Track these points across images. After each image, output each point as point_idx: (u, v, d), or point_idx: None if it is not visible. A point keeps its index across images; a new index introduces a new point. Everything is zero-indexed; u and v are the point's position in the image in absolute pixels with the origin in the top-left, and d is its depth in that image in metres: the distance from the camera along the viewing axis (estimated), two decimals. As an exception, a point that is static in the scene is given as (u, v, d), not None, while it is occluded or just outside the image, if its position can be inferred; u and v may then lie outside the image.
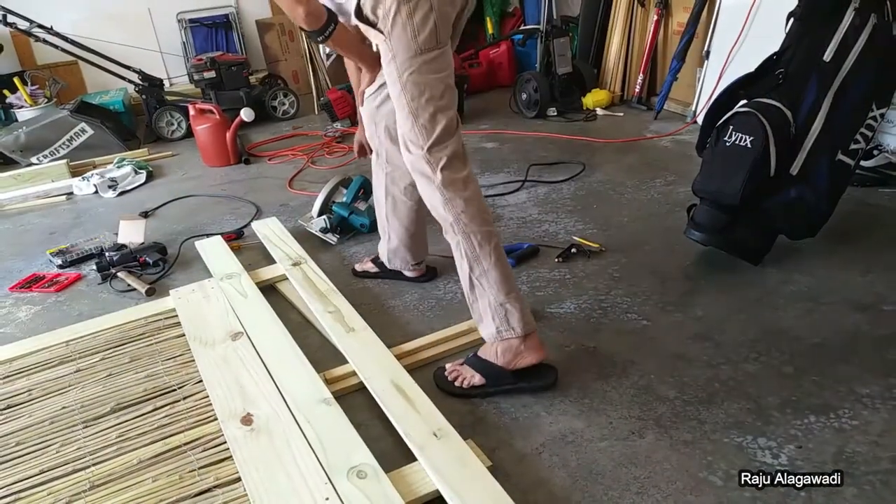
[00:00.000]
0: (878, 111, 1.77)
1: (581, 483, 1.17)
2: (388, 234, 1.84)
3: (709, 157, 1.87)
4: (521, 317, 1.39)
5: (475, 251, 1.38)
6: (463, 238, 1.38)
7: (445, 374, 1.46)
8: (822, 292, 1.69)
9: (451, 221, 1.38)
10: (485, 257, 1.38)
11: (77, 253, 2.30)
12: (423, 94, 1.34)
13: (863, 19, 1.70)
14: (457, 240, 1.39)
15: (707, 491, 1.12)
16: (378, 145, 1.74)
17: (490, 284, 1.38)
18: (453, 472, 1.14)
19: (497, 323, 1.39)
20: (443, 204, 1.38)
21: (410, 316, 1.77)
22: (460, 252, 1.39)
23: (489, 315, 1.40)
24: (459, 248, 1.39)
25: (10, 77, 4.01)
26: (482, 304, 1.41)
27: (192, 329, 1.67)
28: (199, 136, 3.31)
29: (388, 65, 1.35)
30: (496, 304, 1.39)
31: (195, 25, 4.71)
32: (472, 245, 1.38)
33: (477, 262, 1.38)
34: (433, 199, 1.40)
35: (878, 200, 2.21)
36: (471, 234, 1.38)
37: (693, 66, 3.30)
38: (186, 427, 1.34)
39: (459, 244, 1.39)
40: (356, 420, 1.31)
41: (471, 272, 1.39)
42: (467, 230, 1.38)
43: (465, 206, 1.37)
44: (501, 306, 1.38)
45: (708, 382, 1.40)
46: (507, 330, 1.39)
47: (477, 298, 1.41)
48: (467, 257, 1.39)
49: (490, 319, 1.40)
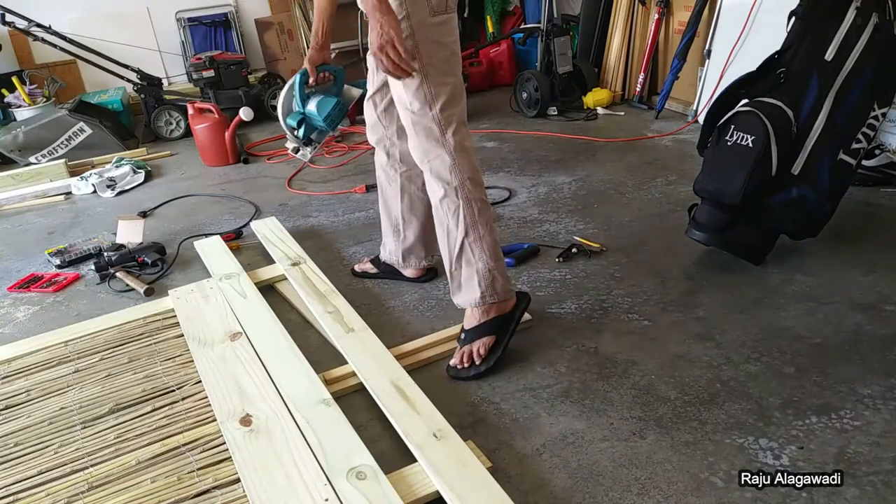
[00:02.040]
0: (880, 111, 1.76)
1: (582, 484, 1.16)
2: (404, 233, 1.83)
3: (710, 157, 1.86)
4: (504, 283, 1.49)
5: (474, 217, 1.43)
6: (464, 203, 1.42)
7: (457, 366, 1.48)
8: (824, 292, 1.69)
9: (455, 185, 1.41)
10: (482, 224, 1.44)
11: (75, 253, 2.30)
12: (436, 55, 1.37)
13: (864, 19, 1.69)
14: (456, 205, 1.42)
15: (708, 492, 1.12)
16: (389, 146, 1.73)
17: (483, 250, 1.45)
18: (453, 473, 1.13)
19: (483, 288, 1.46)
20: (450, 167, 1.41)
21: (410, 316, 1.76)
22: (458, 217, 1.43)
23: (475, 281, 1.46)
24: (458, 214, 1.43)
25: (8, 76, 4.00)
26: (468, 272, 1.47)
27: (190, 329, 1.67)
28: (198, 135, 3.30)
29: (400, 23, 1.34)
30: (485, 269, 1.45)
31: (194, 24, 4.71)
32: (473, 211, 1.43)
33: (474, 228, 1.43)
34: (438, 163, 1.42)
35: (880, 200, 2.20)
36: (472, 201, 1.43)
37: (694, 66, 3.29)
38: (185, 428, 1.33)
39: (459, 209, 1.42)
40: (356, 421, 1.31)
41: (465, 237, 1.44)
42: (470, 196, 1.42)
43: (471, 173, 1.42)
44: (490, 272, 1.46)
45: (709, 383, 1.39)
46: (492, 295, 1.47)
47: (463, 265, 1.47)
48: (465, 222, 1.43)
49: (476, 285, 1.46)
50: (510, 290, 1.51)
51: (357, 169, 3.06)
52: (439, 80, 1.38)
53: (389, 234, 1.87)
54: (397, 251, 1.88)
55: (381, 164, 1.78)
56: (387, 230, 1.87)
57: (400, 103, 1.44)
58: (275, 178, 3.04)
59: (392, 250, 1.89)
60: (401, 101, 1.43)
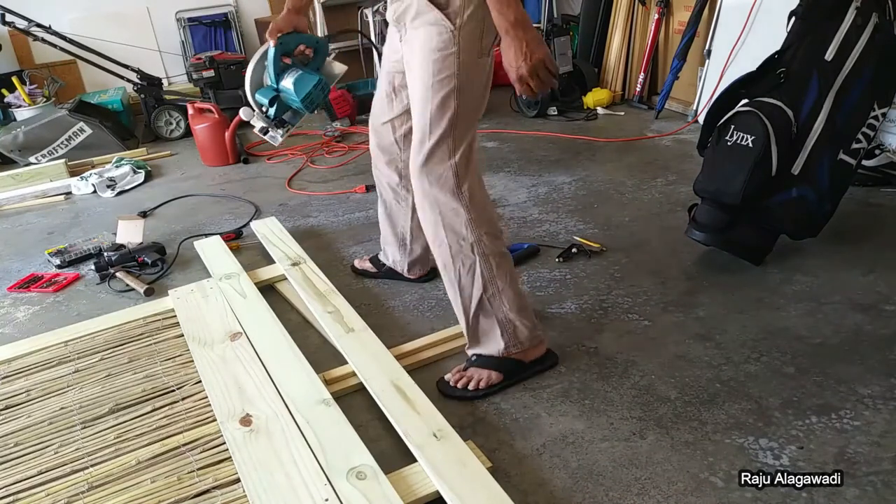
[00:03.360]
0: (880, 111, 1.77)
1: (582, 484, 1.16)
2: (411, 246, 1.79)
3: (710, 157, 1.86)
4: (529, 332, 1.40)
5: (492, 272, 1.34)
6: (481, 259, 1.32)
7: (450, 383, 1.42)
8: (824, 292, 1.69)
9: (471, 241, 1.31)
10: (501, 277, 1.35)
11: (75, 253, 2.30)
12: (471, 103, 1.26)
13: (864, 19, 1.69)
14: (472, 261, 1.33)
15: (708, 492, 1.12)
16: (403, 168, 1.64)
17: (503, 302, 1.36)
18: (453, 473, 1.13)
19: (506, 339, 1.38)
20: (466, 222, 1.30)
21: (410, 316, 1.76)
22: (474, 274, 1.33)
23: (496, 332, 1.38)
24: (473, 271, 1.33)
25: (8, 76, 4.00)
26: (487, 323, 1.38)
27: (190, 329, 1.67)
28: (198, 135, 3.30)
29: (446, 59, 1.22)
30: (506, 320, 1.37)
31: (194, 24, 4.70)
32: (490, 266, 1.33)
33: (492, 283, 1.34)
34: (452, 216, 1.31)
35: (880, 200, 2.20)
36: (490, 256, 1.33)
37: (694, 66, 3.29)
38: (185, 428, 1.33)
39: (475, 266, 1.33)
40: (356, 421, 1.31)
41: (483, 293, 1.35)
42: (487, 251, 1.32)
43: (489, 226, 1.33)
44: (510, 322, 1.37)
45: (709, 383, 1.39)
46: (516, 345, 1.40)
47: (481, 318, 1.38)
48: (482, 279, 1.33)
49: (498, 336, 1.38)
50: (536, 337, 1.42)
51: (357, 169, 3.05)
52: (466, 129, 1.28)
53: (393, 245, 1.83)
54: (403, 262, 1.85)
55: (391, 183, 1.70)
56: (390, 241, 1.83)
57: (419, 145, 1.31)
58: (275, 178, 3.04)
59: (396, 260, 1.86)
60: (420, 144, 1.30)
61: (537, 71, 1.13)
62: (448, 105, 1.25)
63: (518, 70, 1.13)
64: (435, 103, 1.25)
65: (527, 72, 1.13)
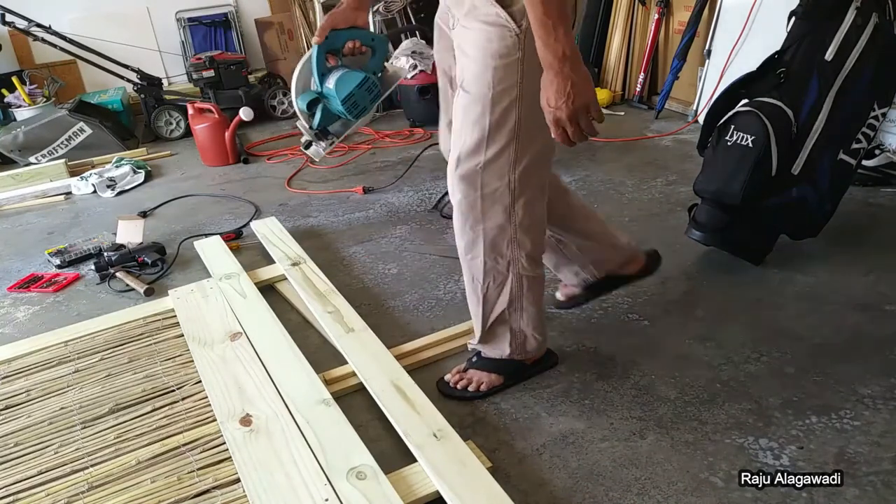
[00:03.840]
0: (880, 111, 1.76)
1: (582, 484, 1.16)
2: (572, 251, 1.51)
3: (710, 157, 1.86)
4: (538, 345, 1.38)
5: (521, 291, 1.28)
6: (514, 279, 1.26)
7: (450, 384, 1.42)
8: (824, 292, 1.69)
9: (509, 260, 1.23)
10: (528, 297, 1.30)
11: (75, 253, 2.30)
12: (536, 112, 1.08)
13: (864, 19, 1.69)
14: (504, 277, 1.26)
15: (708, 492, 1.12)
16: None
17: (521, 318, 1.32)
18: (453, 473, 1.13)
19: (513, 347, 1.36)
20: (509, 241, 1.22)
21: (410, 316, 1.76)
22: (502, 290, 1.27)
23: (507, 340, 1.35)
24: (503, 287, 1.27)
25: (8, 76, 4.00)
26: (500, 329, 1.35)
27: (190, 329, 1.67)
28: (198, 135, 3.30)
29: (508, 66, 1.08)
30: (519, 331, 1.34)
31: (194, 24, 4.70)
32: (521, 286, 1.28)
33: (518, 300, 1.30)
34: (496, 233, 1.21)
35: (880, 200, 2.20)
36: (524, 277, 1.27)
37: (694, 66, 3.29)
38: (185, 428, 1.33)
39: (506, 283, 1.26)
40: (356, 421, 1.31)
41: (507, 307, 1.30)
42: (523, 273, 1.26)
43: (531, 248, 1.24)
44: (523, 333, 1.35)
45: (709, 383, 1.39)
46: (520, 354, 1.38)
47: (496, 325, 1.34)
48: (510, 295, 1.28)
49: (506, 343, 1.36)
50: (542, 348, 1.41)
51: (357, 169, 3.05)
52: (530, 142, 1.13)
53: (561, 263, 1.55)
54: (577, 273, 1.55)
55: None
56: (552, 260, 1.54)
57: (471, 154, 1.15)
58: (275, 178, 3.04)
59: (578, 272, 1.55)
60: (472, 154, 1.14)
61: (578, 117, 0.99)
62: (509, 117, 1.11)
63: (556, 112, 0.99)
64: (495, 114, 1.11)
65: (566, 115, 0.99)
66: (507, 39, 1.06)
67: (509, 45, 1.06)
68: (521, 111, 1.11)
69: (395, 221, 2.40)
